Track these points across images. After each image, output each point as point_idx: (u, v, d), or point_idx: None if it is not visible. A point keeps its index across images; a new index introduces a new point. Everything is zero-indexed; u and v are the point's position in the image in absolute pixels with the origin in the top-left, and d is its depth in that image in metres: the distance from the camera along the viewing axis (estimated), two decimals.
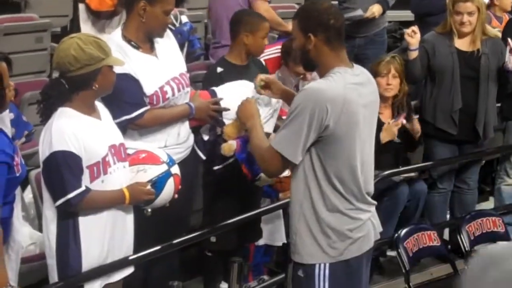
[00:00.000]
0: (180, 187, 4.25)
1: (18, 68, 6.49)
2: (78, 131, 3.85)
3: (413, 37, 5.98)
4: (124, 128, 4.38)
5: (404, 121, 5.81)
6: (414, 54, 5.99)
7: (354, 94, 3.68)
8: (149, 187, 4.07)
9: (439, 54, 6.07)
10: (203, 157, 4.96)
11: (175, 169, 4.23)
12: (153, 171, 4.12)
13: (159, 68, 4.52)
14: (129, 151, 4.24)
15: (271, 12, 6.29)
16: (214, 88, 4.90)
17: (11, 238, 3.97)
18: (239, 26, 5.24)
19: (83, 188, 3.85)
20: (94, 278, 4.00)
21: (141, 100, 4.43)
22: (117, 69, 4.08)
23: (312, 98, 3.59)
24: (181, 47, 6.08)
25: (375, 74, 5.68)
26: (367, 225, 3.83)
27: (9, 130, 3.99)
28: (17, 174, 3.61)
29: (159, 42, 4.59)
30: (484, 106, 6.09)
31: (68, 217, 3.92)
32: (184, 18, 6.30)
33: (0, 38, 6.77)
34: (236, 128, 4.67)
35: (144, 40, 4.50)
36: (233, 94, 4.74)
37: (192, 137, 4.84)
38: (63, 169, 3.81)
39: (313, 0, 4.02)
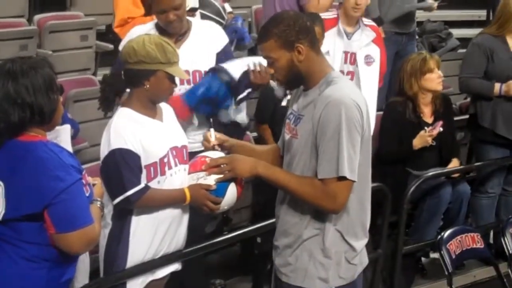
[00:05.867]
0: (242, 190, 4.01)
1: (63, 66, 6.61)
2: (136, 130, 3.83)
3: None
4: None
5: (441, 129, 5.71)
6: None
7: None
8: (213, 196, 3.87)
9: (498, 60, 5.97)
10: None
11: None
12: (214, 178, 3.88)
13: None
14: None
15: (322, 3, 6.10)
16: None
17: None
18: None
19: (142, 185, 3.83)
20: (134, 275, 3.94)
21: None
22: None
23: (342, 106, 3.27)
24: (231, 42, 6.08)
25: (424, 71, 5.70)
26: None
27: (69, 147, 3.78)
28: (87, 194, 3.38)
29: (189, 39, 4.60)
30: None
31: (123, 215, 3.90)
32: (228, 7, 6.33)
33: (45, 36, 6.87)
34: None
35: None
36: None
37: None
38: (121, 167, 3.78)
39: (272, 17, 3.48)
